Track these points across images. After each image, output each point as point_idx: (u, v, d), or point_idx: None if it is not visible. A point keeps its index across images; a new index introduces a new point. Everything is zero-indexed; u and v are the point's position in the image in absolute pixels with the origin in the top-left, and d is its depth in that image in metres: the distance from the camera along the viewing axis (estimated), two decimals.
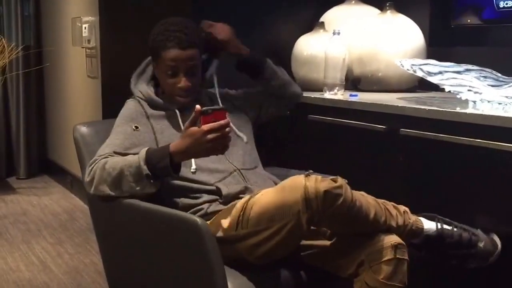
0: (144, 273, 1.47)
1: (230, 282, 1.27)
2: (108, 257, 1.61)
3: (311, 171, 1.27)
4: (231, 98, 1.72)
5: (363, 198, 1.31)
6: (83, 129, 1.62)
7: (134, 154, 1.41)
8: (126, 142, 1.45)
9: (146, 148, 1.37)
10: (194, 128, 1.31)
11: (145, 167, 1.33)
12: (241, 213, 1.30)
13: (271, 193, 1.29)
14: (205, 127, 1.28)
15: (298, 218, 1.22)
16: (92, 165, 1.39)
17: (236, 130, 1.62)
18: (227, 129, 1.31)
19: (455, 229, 1.39)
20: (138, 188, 1.35)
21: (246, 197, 1.35)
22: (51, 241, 2.81)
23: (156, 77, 1.59)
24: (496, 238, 1.41)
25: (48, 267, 2.46)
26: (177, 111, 1.54)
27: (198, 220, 1.24)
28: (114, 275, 1.61)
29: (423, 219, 1.42)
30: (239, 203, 1.33)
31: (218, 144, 1.32)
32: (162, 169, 1.34)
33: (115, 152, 1.42)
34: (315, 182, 1.22)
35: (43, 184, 4.00)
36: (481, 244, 1.39)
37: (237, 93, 1.76)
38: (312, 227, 1.30)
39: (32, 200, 3.57)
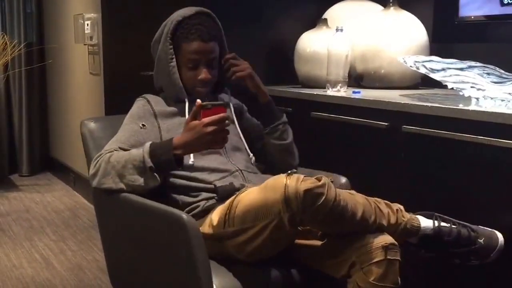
0: (140, 268, 1.48)
1: (216, 279, 1.27)
2: (109, 253, 1.62)
3: (294, 170, 1.27)
4: (242, 111, 1.72)
5: (350, 197, 1.28)
6: (91, 125, 1.63)
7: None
8: (132, 139, 1.46)
9: (150, 142, 1.40)
10: (195, 122, 1.34)
11: (149, 160, 1.35)
12: (228, 211, 1.31)
13: (254, 192, 1.29)
14: (206, 119, 1.33)
15: (280, 218, 1.22)
16: (98, 159, 1.41)
17: (244, 140, 1.63)
18: (226, 122, 1.34)
19: (453, 227, 1.37)
20: (141, 181, 1.37)
21: (234, 196, 1.36)
22: (54, 238, 2.81)
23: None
24: (497, 234, 1.40)
25: (51, 264, 2.46)
26: (186, 109, 1.55)
27: (184, 215, 1.24)
28: (116, 271, 1.62)
29: (420, 218, 1.39)
30: (227, 201, 1.34)
31: (218, 137, 1.34)
32: (165, 162, 1.36)
33: (120, 148, 1.44)
34: (296, 182, 1.20)
35: (46, 182, 4.00)
36: (481, 240, 1.37)
37: (246, 111, 1.74)
38: (301, 227, 1.29)
39: (35, 198, 3.57)
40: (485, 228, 1.41)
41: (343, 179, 1.56)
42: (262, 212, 1.24)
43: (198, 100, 1.34)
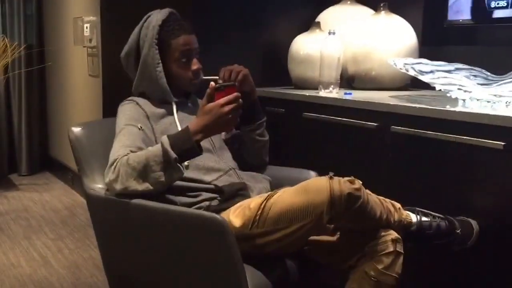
0: (151, 269, 1.47)
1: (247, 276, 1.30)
2: (107, 253, 1.63)
3: (332, 173, 1.32)
4: None
5: (372, 198, 1.37)
6: (78, 131, 1.60)
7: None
8: (137, 141, 1.46)
9: (165, 136, 1.39)
10: (211, 104, 1.36)
11: (172, 152, 1.33)
12: (258, 213, 1.34)
13: (292, 193, 1.33)
14: (222, 100, 1.35)
15: (320, 219, 1.28)
16: (114, 164, 1.38)
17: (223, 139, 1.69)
18: (240, 101, 1.37)
19: (433, 220, 1.46)
20: (165, 176, 1.35)
21: (258, 198, 1.39)
22: (51, 236, 2.84)
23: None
24: (472, 222, 1.48)
25: (49, 262, 2.48)
26: (174, 110, 1.57)
27: (219, 217, 1.26)
28: (112, 270, 1.63)
29: (409, 213, 1.48)
30: (254, 203, 1.36)
31: (234, 116, 1.36)
32: (189, 150, 1.36)
33: (132, 152, 1.42)
34: (339, 185, 1.27)
35: (44, 181, 4.03)
36: (458, 231, 1.46)
37: None
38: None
39: (33, 197, 3.60)
40: (461, 218, 1.49)
41: None
42: (301, 213, 1.29)
43: (212, 83, 1.37)
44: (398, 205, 1.46)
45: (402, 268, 1.37)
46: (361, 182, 1.32)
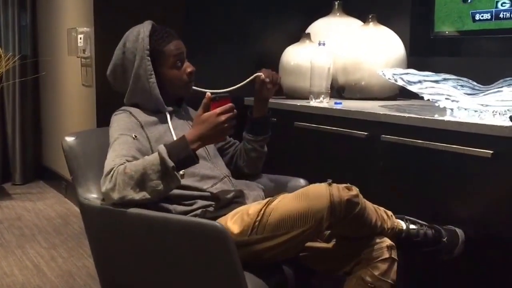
0: (147, 279, 1.46)
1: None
2: (101, 263, 1.62)
3: (330, 180, 1.36)
4: None
5: (368, 205, 1.41)
6: (71, 140, 1.60)
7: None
8: (132, 150, 1.46)
9: (162, 144, 1.40)
10: (207, 113, 1.39)
11: (169, 160, 1.34)
12: (258, 219, 1.35)
13: (292, 199, 1.35)
14: (218, 109, 1.38)
15: (320, 224, 1.31)
16: (111, 173, 1.37)
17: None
18: (235, 111, 1.40)
19: (420, 228, 1.49)
20: (163, 185, 1.36)
21: (256, 204, 1.41)
22: (45, 245, 2.83)
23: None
24: (458, 231, 1.52)
25: (42, 271, 2.48)
26: (168, 118, 1.59)
27: (219, 225, 1.27)
28: (107, 280, 1.62)
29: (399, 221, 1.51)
30: (253, 210, 1.38)
31: (229, 125, 1.39)
32: (186, 159, 1.37)
33: (127, 161, 1.41)
34: (338, 191, 1.31)
35: (38, 190, 4.02)
36: (444, 239, 1.49)
37: None
38: None
39: (27, 206, 3.59)
40: (448, 226, 1.52)
41: None
42: (302, 219, 1.31)
43: (208, 93, 1.41)
44: (390, 212, 1.49)
45: (397, 276, 1.38)
46: (358, 189, 1.36)
